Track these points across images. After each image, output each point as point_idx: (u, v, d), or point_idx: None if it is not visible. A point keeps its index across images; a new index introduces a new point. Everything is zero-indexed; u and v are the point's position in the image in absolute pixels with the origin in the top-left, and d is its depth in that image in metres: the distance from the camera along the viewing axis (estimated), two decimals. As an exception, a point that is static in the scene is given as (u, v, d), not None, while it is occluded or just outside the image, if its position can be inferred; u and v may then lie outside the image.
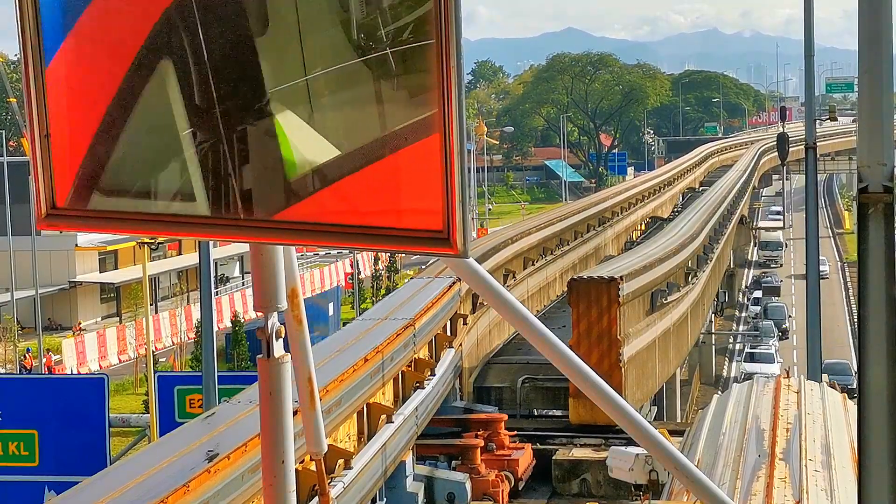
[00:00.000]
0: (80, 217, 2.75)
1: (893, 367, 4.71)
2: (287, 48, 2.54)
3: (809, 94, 30.01)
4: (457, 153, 2.34)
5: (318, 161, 2.56)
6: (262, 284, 2.99)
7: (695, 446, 13.97)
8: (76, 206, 2.74)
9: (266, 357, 3.06)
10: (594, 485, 21.93)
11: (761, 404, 14.61)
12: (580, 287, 25.48)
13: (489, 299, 3.29)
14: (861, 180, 4.73)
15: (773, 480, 11.64)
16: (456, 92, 2.33)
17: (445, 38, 2.32)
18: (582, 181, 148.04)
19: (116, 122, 2.70)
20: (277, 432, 3.03)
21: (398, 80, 2.45)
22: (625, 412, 3.50)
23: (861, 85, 4.70)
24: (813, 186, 27.98)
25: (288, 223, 2.57)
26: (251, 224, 2.61)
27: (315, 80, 2.53)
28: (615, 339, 25.03)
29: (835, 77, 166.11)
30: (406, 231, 2.44)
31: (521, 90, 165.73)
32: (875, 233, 4.69)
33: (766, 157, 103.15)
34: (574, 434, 23.57)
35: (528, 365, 26.51)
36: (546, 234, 38.93)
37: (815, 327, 26.65)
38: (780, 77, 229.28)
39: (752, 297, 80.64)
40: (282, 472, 3.04)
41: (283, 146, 2.58)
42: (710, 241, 49.02)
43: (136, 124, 2.70)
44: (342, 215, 2.51)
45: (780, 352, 64.05)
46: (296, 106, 2.55)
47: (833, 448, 12.87)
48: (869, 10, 4.63)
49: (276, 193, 2.60)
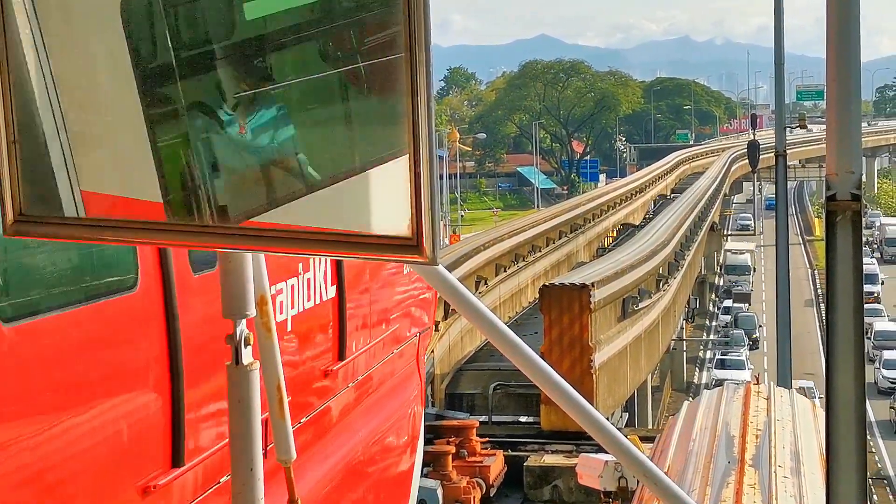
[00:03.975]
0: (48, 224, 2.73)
1: (861, 373, 4.74)
2: (256, 56, 2.54)
3: (779, 101, 30.19)
4: (426, 160, 2.34)
5: (288, 170, 2.55)
6: (231, 292, 2.98)
7: (665, 453, 14.00)
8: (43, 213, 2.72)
9: (235, 364, 3.05)
10: (566, 491, 21.94)
11: (731, 411, 14.66)
12: (552, 293, 25.51)
13: (458, 307, 3.29)
14: (829, 188, 4.75)
15: (742, 487, 11.68)
16: (425, 102, 2.33)
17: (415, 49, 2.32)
18: (554, 188, 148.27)
19: (84, 128, 2.69)
20: (246, 440, 3.02)
21: (368, 92, 2.45)
22: (593, 419, 3.51)
23: (829, 94, 4.73)
24: (783, 194, 28.13)
25: (256, 230, 2.56)
26: (220, 231, 2.60)
27: (284, 90, 2.53)
28: (587, 345, 25.07)
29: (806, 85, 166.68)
30: (375, 238, 2.43)
31: (493, 97, 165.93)
32: (843, 240, 4.72)
33: (738, 164, 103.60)
34: (546, 441, 23.58)
35: (500, 371, 26.52)
36: (518, 241, 38.99)
37: (785, 333, 26.78)
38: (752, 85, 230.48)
39: (723, 307, 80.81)
40: (251, 480, 3.03)
41: (252, 154, 2.58)
42: (681, 248, 49.20)
43: (104, 130, 2.69)
44: (309, 223, 2.50)
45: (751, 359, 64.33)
46: (264, 115, 2.55)
47: (802, 454, 12.92)
48: (837, 19, 4.66)
49: (245, 201, 2.59)
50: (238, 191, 2.60)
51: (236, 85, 2.56)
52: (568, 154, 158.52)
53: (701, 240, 62.50)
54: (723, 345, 68.19)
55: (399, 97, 2.35)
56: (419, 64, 2.30)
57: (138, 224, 2.69)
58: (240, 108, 2.57)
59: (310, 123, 2.54)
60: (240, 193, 2.60)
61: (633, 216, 68.06)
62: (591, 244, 54.08)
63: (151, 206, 2.66)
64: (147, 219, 2.67)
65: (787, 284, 27.66)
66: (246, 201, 2.59)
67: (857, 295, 4.69)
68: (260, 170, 2.59)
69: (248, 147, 2.59)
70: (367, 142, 2.47)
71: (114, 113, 2.68)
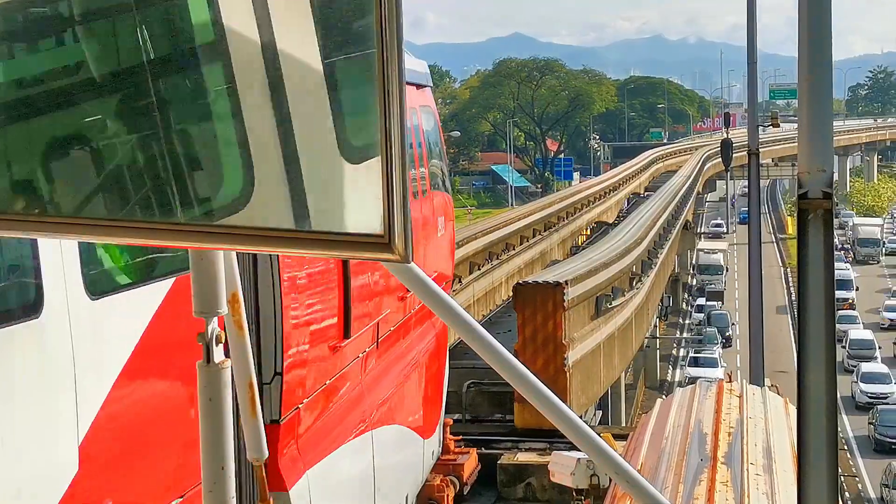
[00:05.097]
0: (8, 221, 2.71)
1: (832, 371, 4.76)
2: (227, 54, 2.53)
3: (752, 100, 30.28)
4: (398, 159, 2.34)
5: (260, 169, 2.54)
6: (202, 289, 2.97)
7: (638, 450, 14.03)
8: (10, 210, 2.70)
9: (206, 362, 3.03)
10: (539, 489, 21.96)
11: (704, 408, 14.70)
12: (526, 291, 25.52)
13: (432, 305, 3.29)
14: (801, 186, 4.77)
15: (714, 484, 11.71)
16: (398, 100, 2.32)
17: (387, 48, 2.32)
18: (528, 186, 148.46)
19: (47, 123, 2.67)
20: (217, 438, 3.01)
21: (340, 91, 2.44)
22: (565, 417, 3.51)
23: (801, 93, 4.74)
24: (756, 192, 28.23)
25: (228, 228, 2.55)
26: (191, 229, 2.59)
27: (255, 88, 2.52)
28: (560, 343, 25.09)
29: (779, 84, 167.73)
30: (348, 237, 2.42)
31: (467, 95, 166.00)
32: (814, 238, 4.74)
33: (711, 162, 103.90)
34: (519, 438, 23.59)
35: (474, 370, 26.52)
36: (492, 239, 39.00)
37: (757, 331, 26.88)
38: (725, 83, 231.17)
39: (696, 305, 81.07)
40: (221, 479, 3.02)
41: (223, 153, 2.57)
42: (654, 247, 49.31)
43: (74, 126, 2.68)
44: (282, 222, 2.49)
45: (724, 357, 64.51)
46: (235, 114, 2.54)
47: (774, 451, 12.97)
48: (809, 18, 4.68)
49: (217, 200, 2.58)
50: (211, 190, 2.59)
51: (207, 83, 2.55)
52: (542, 152, 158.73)
53: (674, 238, 62.68)
54: (696, 343, 68.46)
55: (371, 96, 2.34)
56: (391, 62, 2.30)
57: (108, 222, 2.67)
58: (211, 107, 2.56)
59: (281, 122, 2.53)
60: (213, 192, 2.59)
61: (607, 214, 68.18)
62: (564, 242, 54.15)
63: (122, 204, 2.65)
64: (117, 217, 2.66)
65: (760, 283, 27.75)
66: (218, 200, 2.58)
67: (829, 291, 4.71)
68: (231, 169, 2.58)
69: (220, 146, 2.58)
70: (339, 141, 2.46)
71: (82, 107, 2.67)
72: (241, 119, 2.55)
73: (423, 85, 15.40)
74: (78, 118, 2.70)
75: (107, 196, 2.68)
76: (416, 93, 14.49)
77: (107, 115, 2.64)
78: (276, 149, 2.52)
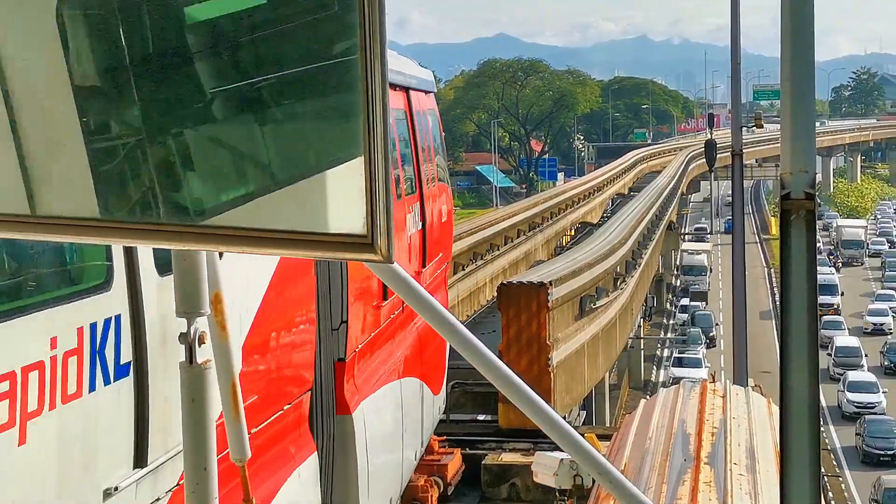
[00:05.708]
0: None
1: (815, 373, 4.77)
2: (209, 58, 2.53)
3: (736, 101, 30.36)
4: (381, 159, 2.33)
5: (243, 171, 2.54)
6: (185, 289, 2.95)
7: (621, 451, 14.05)
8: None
9: (189, 363, 3.02)
10: (523, 489, 21.96)
11: (687, 409, 14.72)
12: (510, 292, 25.53)
13: (414, 305, 3.29)
14: (784, 187, 4.78)
15: (698, 484, 11.73)
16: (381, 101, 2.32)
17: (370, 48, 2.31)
18: (513, 186, 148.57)
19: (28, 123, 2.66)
20: (199, 439, 3.00)
21: (323, 92, 2.44)
22: (549, 417, 3.52)
23: (783, 93, 4.75)
24: (739, 193, 28.30)
25: (211, 229, 2.55)
26: (173, 230, 2.58)
27: (238, 90, 2.51)
28: (544, 343, 25.10)
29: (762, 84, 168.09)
30: (331, 237, 2.42)
31: (452, 95, 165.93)
32: (797, 239, 4.74)
33: (695, 163, 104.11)
34: (503, 439, 23.59)
35: (458, 370, 26.51)
36: (476, 239, 39.01)
37: (741, 331, 26.94)
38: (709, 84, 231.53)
39: (680, 305, 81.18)
40: (204, 479, 3.01)
41: (207, 155, 2.57)
42: (638, 247, 49.38)
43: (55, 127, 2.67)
44: (266, 222, 2.49)
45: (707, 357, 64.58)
46: (219, 116, 2.54)
47: (757, 452, 12.99)
48: (791, 19, 4.69)
49: (200, 201, 2.57)
50: (193, 191, 2.59)
51: (189, 86, 2.55)
52: (526, 153, 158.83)
53: (658, 239, 62.78)
54: (680, 343, 68.55)
55: (354, 96, 2.34)
56: (374, 63, 2.30)
57: (93, 222, 2.67)
58: (194, 109, 2.56)
59: (264, 124, 2.53)
60: (195, 193, 2.59)
61: (591, 215, 68.29)
62: (549, 242, 54.21)
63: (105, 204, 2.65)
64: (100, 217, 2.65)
65: (744, 283, 27.82)
66: (201, 201, 2.58)
67: (812, 294, 4.72)
68: (215, 170, 2.57)
69: (203, 148, 2.58)
70: (322, 141, 2.46)
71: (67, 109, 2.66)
72: (223, 120, 2.54)
73: (429, 91, 17.13)
74: (61, 119, 2.69)
75: (88, 196, 2.67)
76: (424, 98, 15.87)
77: (89, 116, 2.64)
78: (258, 150, 2.52)
